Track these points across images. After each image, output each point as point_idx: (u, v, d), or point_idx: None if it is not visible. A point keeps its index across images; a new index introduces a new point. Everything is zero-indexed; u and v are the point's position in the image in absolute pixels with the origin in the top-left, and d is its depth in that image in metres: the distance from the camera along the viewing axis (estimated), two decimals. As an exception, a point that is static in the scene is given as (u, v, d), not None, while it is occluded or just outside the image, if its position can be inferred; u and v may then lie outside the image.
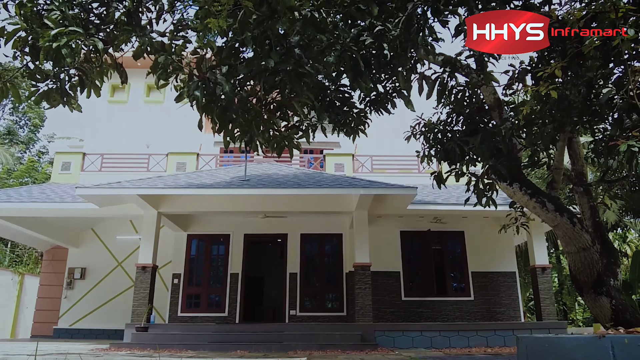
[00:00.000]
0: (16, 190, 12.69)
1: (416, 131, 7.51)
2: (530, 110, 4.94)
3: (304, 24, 3.43)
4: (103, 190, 10.03)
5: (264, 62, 3.45)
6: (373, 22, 4.78)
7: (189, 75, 4.02)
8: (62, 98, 4.76)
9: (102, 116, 15.64)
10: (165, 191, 10.10)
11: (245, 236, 13.13)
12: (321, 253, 13.29)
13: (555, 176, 7.20)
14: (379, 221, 12.52)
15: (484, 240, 12.73)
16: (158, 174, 13.46)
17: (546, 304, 11.08)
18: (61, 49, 3.93)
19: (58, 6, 4.11)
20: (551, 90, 3.43)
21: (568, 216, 6.41)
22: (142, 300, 10.59)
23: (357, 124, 7.49)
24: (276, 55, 3.44)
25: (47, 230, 13.00)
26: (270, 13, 3.44)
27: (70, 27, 4.01)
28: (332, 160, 14.33)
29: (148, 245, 10.85)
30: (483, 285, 12.52)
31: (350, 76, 4.88)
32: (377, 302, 11.80)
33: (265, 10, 3.42)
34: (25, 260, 20.57)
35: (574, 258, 6.54)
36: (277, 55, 3.45)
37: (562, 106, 5.16)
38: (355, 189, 10.07)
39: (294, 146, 4.83)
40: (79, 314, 13.98)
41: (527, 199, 6.57)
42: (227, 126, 4.28)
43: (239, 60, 3.85)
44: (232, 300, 12.54)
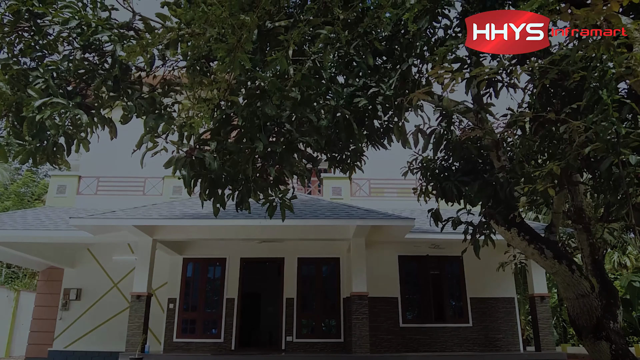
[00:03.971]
0: (10, 215, 12.57)
1: (413, 166, 7.42)
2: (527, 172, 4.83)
3: (293, 106, 3.32)
4: (97, 221, 9.93)
5: (253, 144, 3.34)
6: (367, 81, 4.68)
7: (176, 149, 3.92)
8: (47, 158, 4.65)
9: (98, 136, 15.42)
10: (160, 222, 9.99)
11: (241, 260, 13.01)
12: (318, 277, 13.16)
13: (554, 220, 7.09)
14: (376, 246, 12.39)
15: (483, 266, 12.57)
16: (154, 199, 13.34)
17: (545, 333, 10.96)
18: (45, 121, 3.82)
19: (43, 74, 4.00)
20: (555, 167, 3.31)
21: (567, 263, 6.31)
22: (136, 329, 10.46)
23: (354, 161, 7.39)
24: (265, 138, 3.33)
25: (42, 253, 12.87)
26: (260, 93, 3.33)
27: (54, 97, 3.90)
28: (330, 184, 14.21)
29: (143, 272, 10.72)
30: (482, 312, 12.39)
31: (344, 136, 4.78)
32: (374, 328, 11.67)
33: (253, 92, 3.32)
34: (21, 276, 20.45)
35: (573, 304, 6.45)
36: (266, 138, 3.34)
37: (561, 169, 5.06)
38: (352, 220, 9.96)
39: (286, 207, 4.72)
40: (74, 335, 13.83)
41: (526, 245, 6.47)
42: (217, 195, 4.17)
43: (228, 134, 3.74)
44: (228, 325, 12.41)
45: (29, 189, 23.43)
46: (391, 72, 4.73)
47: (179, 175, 3.67)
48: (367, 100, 4.53)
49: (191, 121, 2.98)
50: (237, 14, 3.44)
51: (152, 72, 4.68)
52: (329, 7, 4.21)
